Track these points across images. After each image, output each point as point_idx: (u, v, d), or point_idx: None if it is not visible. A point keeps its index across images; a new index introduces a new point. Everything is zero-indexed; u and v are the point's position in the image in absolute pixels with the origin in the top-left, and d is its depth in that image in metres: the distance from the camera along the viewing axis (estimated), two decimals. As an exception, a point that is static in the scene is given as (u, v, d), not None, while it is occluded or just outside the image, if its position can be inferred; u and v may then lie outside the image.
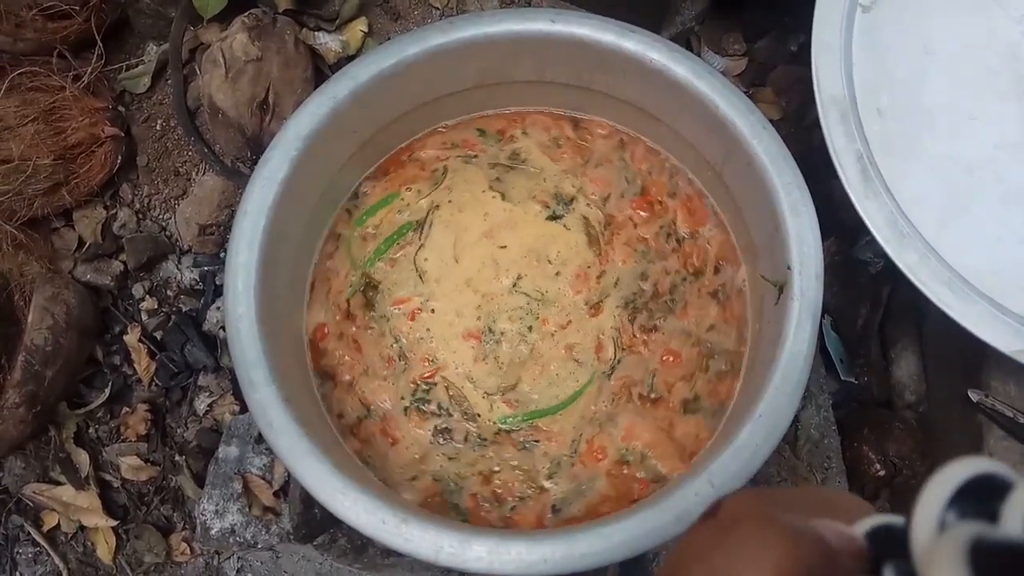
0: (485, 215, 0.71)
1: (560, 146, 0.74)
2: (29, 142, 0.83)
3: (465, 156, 0.74)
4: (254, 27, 0.80)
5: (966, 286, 0.65)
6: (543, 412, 0.67)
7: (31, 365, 0.80)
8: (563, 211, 0.72)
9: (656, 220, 0.72)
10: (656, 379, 0.67)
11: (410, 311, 0.69)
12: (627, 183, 0.73)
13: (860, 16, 0.71)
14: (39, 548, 0.90)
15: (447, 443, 0.66)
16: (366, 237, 0.72)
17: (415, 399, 0.67)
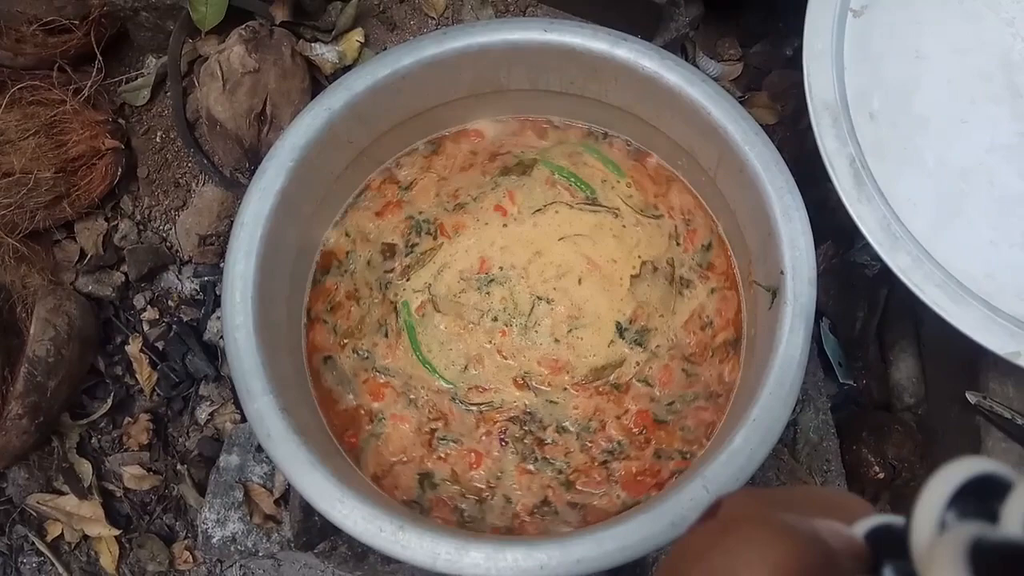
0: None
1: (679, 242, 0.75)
2: (30, 155, 0.84)
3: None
4: (251, 39, 0.81)
5: (960, 289, 0.65)
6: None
7: (33, 376, 0.81)
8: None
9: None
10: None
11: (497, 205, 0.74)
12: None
13: (851, 21, 0.71)
14: (43, 558, 0.91)
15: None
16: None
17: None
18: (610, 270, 0.70)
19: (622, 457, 0.66)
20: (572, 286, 0.70)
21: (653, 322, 0.69)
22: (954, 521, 0.22)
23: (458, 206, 0.73)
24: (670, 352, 0.68)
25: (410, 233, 0.73)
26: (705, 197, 0.72)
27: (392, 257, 0.72)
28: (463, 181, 0.74)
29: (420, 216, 0.73)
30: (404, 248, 0.72)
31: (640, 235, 0.71)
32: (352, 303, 0.71)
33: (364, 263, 0.72)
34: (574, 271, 0.70)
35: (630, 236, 0.71)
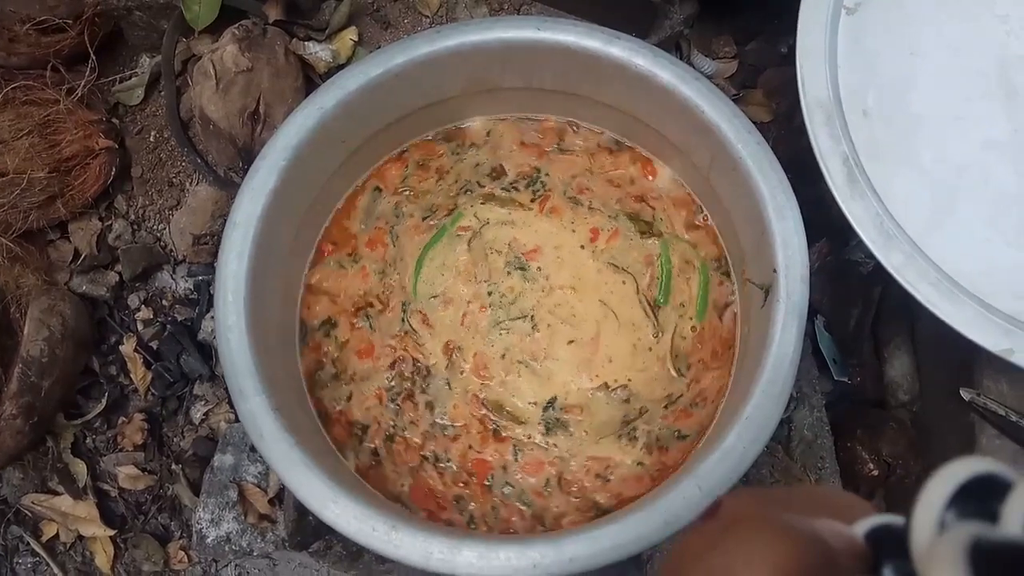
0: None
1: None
2: (24, 155, 0.84)
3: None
4: (244, 38, 0.81)
5: (954, 286, 0.65)
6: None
7: (27, 376, 0.81)
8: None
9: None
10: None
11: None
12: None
13: (845, 18, 0.71)
14: (38, 558, 0.91)
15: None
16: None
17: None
18: (599, 362, 0.69)
19: (437, 469, 0.67)
20: (561, 335, 0.69)
21: (577, 429, 0.67)
22: (954, 521, 0.22)
23: (574, 200, 0.73)
24: (557, 459, 0.67)
25: (525, 179, 0.74)
26: (699, 195, 0.72)
27: (495, 179, 0.74)
28: (599, 188, 0.74)
29: (544, 176, 0.74)
30: (509, 182, 0.74)
31: (651, 369, 0.69)
32: (435, 176, 0.74)
33: (472, 165, 0.74)
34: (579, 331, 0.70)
35: (643, 360, 0.69)
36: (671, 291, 0.70)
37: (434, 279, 0.71)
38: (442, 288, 0.70)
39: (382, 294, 0.71)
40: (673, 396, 0.67)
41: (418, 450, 0.67)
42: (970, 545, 0.20)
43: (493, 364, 0.68)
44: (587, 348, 0.69)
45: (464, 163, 0.74)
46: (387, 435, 0.67)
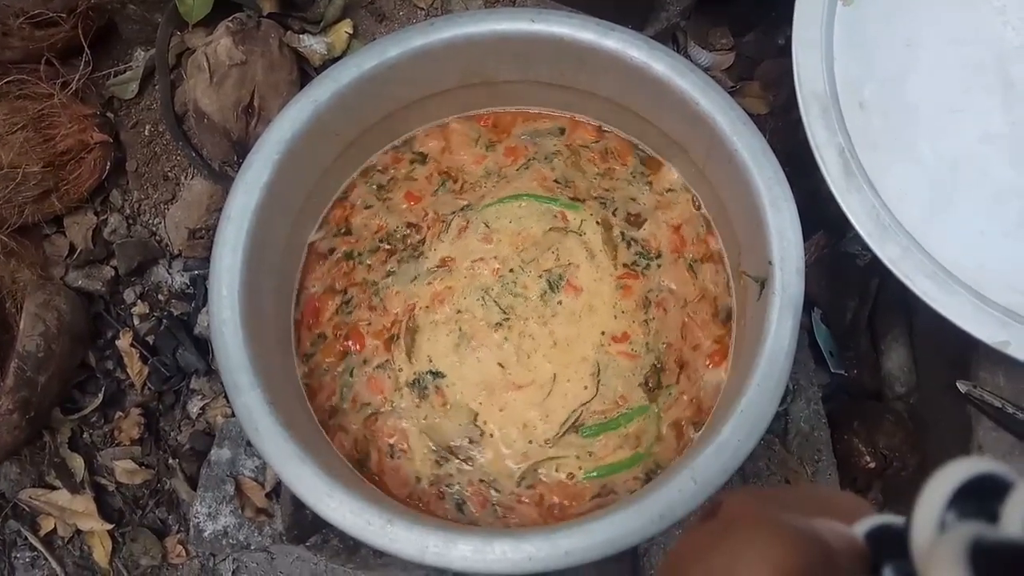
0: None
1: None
2: (18, 150, 0.84)
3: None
4: (238, 31, 0.81)
5: (950, 278, 0.65)
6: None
7: (24, 371, 0.81)
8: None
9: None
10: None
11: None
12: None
13: (841, 10, 0.71)
14: (36, 552, 0.91)
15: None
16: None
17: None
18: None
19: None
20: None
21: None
22: (954, 521, 0.22)
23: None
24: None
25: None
26: (695, 188, 0.72)
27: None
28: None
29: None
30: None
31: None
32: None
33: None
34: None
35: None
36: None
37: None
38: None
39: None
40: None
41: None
42: (970, 545, 0.20)
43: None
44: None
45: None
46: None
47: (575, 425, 0.65)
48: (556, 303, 0.68)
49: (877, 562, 0.24)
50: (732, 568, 0.23)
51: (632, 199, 0.72)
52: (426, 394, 0.66)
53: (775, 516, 0.25)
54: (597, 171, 0.74)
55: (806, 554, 0.23)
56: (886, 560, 0.24)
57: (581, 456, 0.64)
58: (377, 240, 0.72)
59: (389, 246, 0.71)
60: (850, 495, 0.31)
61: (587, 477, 0.64)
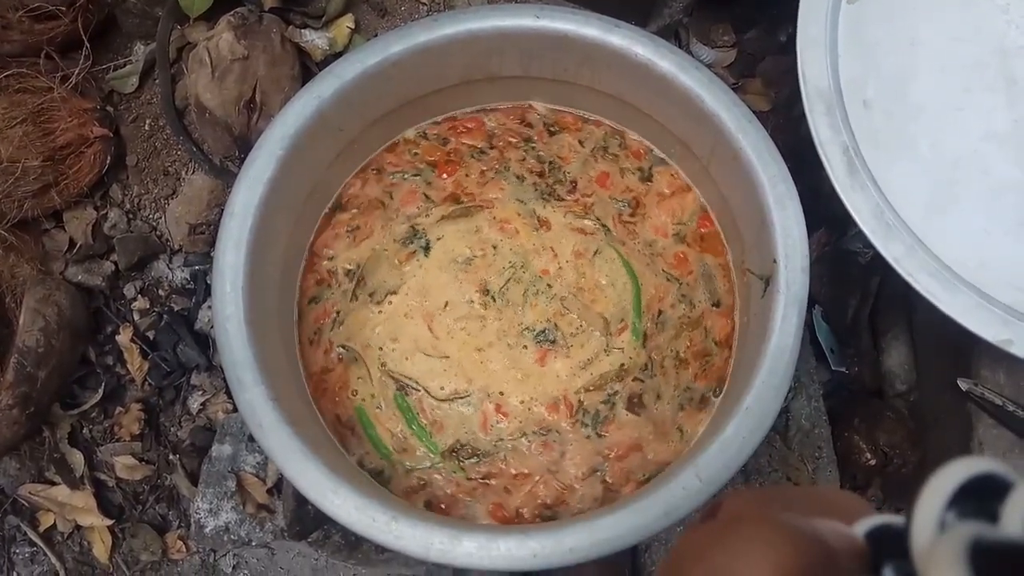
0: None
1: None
2: (18, 144, 0.83)
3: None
4: (240, 25, 0.80)
5: (953, 276, 0.65)
6: (637, 302, 0.69)
7: (23, 367, 0.81)
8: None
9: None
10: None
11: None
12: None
13: (845, 8, 0.71)
14: (36, 548, 0.91)
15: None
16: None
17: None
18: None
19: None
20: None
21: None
22: (954, 521, 0.22)
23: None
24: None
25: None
26: (699, 186, 0.72)
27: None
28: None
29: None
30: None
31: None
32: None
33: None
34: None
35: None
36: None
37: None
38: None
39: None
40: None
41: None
42: (970, 545, 0.20)
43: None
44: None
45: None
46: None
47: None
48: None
49: (877, 562, 0.24)
50: (732, 567, 0.23)
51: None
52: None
53: (775, 516, 0.25)
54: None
55: (806, 554, 0.23)
56: (886, 560, 0.24)
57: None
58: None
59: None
60: (850, 495, 0.31)
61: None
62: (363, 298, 0.69)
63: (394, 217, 0.72)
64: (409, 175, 0.73)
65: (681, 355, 0.67)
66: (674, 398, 0.66)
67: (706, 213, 0.72)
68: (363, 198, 0.73)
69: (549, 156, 0.74)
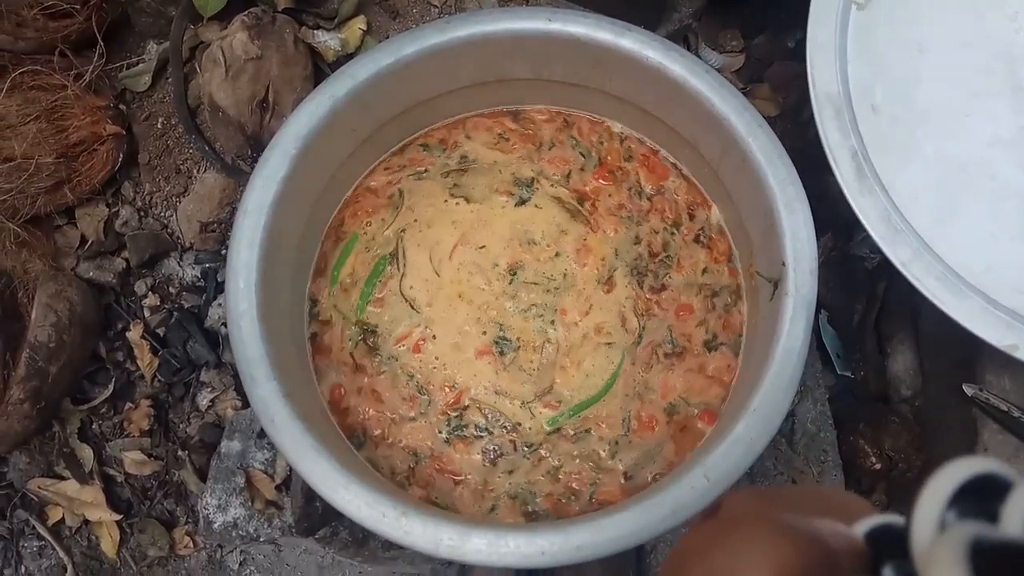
0: (453, 223, 0.72)
1: (507, 139, 0.75)
2: (31, 140, 0.84)
3: (416, 173, 0.74)
4: (254, 26, 0.81)
5: (959, 281, 0.65)
6: (586, 403, 0.67)
7: (35, 361, 0.81)
8: (528, 194, 0.73)
9: (622, 185, 0.74)
10: (675, 334, 0.69)
11: (413, 344, 0.69)
12: (583, 157, 0.75)
13: (855, 14, 0.72)
14: (44, 542, 0.91)
15: (500, 459, 0.66)
16: (346, 288, 0.71)
17: (451, 429, 0.67)
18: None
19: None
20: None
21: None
22: (954, 521, 0.22)
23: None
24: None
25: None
26: (707, 188, 0.73)
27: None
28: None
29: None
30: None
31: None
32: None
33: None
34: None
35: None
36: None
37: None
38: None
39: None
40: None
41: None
42: (970, 545, 0.20)
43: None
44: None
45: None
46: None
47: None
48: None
49: (877, 562, 0.24)
50: (732, 567, 0.23)
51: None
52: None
53: (776, 515, 0.25)
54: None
55: (806, 554, 0.23)
56: (886, 560, 0.24)
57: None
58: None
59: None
60: (851, 495, 0.31)
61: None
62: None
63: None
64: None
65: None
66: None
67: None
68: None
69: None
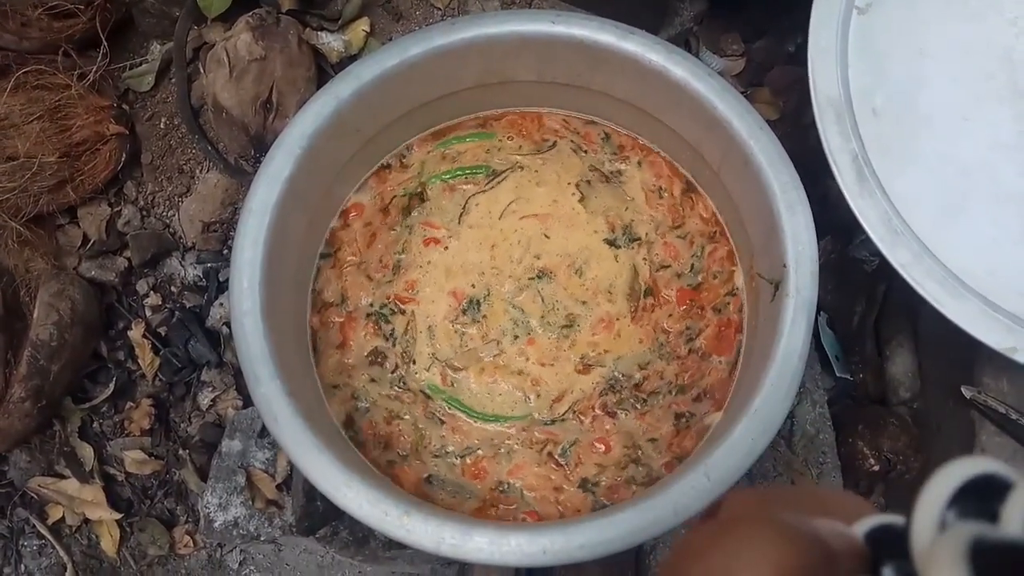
0: (554, 201, 0.73)
1: (661, 198, 0.74)
2: (35, 140, 0.84)
3: (577, 146, 0.75)
4: (258, 27, 0.81)
5: (959, 284, 0.66)
6: (467, 410, 0.68)
7: (36, 360, 0.81)
8: (622, 243, 0.72)
9: (686, 320, 0.70)
10: (574, 450, 0.67)
11: (429, 237, 0.72)
12: (690, 271, 0.72)
13: (856, 18, 0.72)
14: (44, 541, 0.91)
15: (375, 366, 0.69)
16: (444, 157, 0.75)
17: (379, 311, 0.71)
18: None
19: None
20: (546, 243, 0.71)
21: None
22: (954, 521, 0.22)
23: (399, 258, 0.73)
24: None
25: (378, 325, 0.71)
26: (708, 191, 0.73)
27: (383, 363, 0.70)
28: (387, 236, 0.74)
29: (376, 304, 0.71)
30: (388, 341, 0.71)
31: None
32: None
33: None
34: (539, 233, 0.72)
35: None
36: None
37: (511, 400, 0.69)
38: (519, 393, 0.69)
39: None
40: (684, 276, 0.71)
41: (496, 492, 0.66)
42: (970, 545, 0.20)
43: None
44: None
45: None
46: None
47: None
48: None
49: (877, 562, 0.24)
50: (732, 567, 0.23)
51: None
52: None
53: (775, 516, 0.25)
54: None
55: (806, 554, 0.23)
56: (886, 560, 0.24)
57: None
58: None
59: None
60: (850, 495, 0.31)
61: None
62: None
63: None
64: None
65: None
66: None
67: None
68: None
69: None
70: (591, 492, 0.65)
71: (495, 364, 0.69)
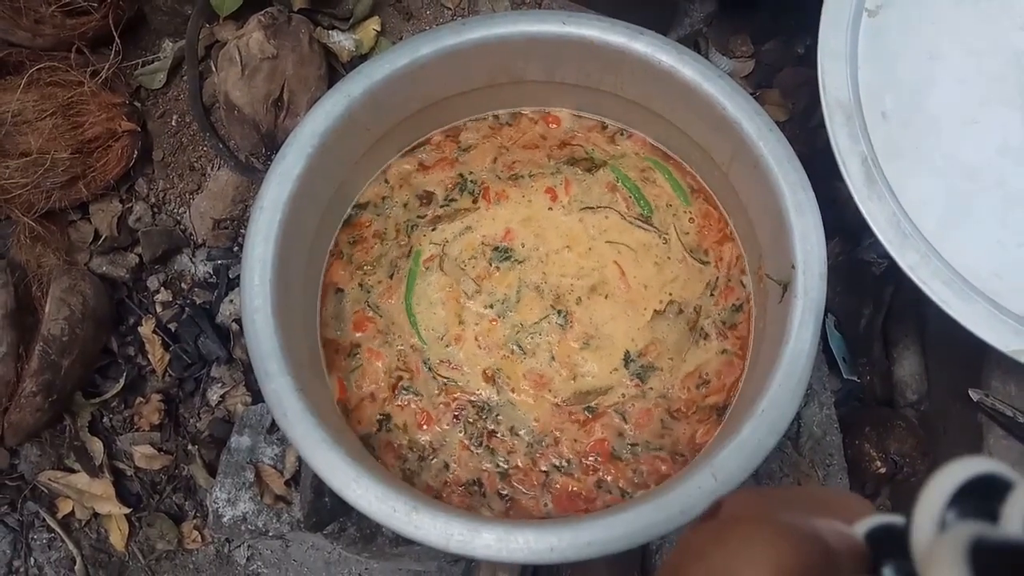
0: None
1: (693, 222, 0.73)
2: (47, 136, 0.85)
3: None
4: (270, 25, 0.82)
5: (967, 286, 0.66)
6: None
7: (48, 355, 0.82)
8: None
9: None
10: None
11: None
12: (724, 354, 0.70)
13: (866, 21, 0.72)
14: (53, 534, 0.92)
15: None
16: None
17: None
18: (638, 295, 0.70)
19: (564, 474, 0.66)
20: (595, 299, 0.70)
21: (661, 362, 0.68)
22: (954, 521, 0.22)
23: (512, 177, 0.74)
24: (659, 399, 0.67)
25: (453, 189, 0.74)
26: (717, 192, 0.73)
27: (428, 204, 0.73)
28: (524, 157, 0.75)
29: (470, 176, 0.74)
30: (442, 200, 0.73)
31: (680, 272, 0.71)
32: (376, 241, 0.73)
33: (400, 205, 0.74)
34: (604, 281, 0.70)
35: (670, 270, 0.70)
36: (648, 198, 0.73)
37: (431, 322, 0.70)
38: (443, 326, 0.70)
39: (402, 362, 0.69)
40: (711, 283, 0.71)
41: (536, 470, 0.66)
42: (970, 545, 0.20)
43: (548, 370, 0.68)
44: (621, 291, 0.70)
45: (392, 211, 0.74)
46: (500, 474, 0.66)
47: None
48: (524, 249, 0.72)
49: (877, 562, 0.24)
50: (732, 567, 0.23)
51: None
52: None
53: (775, 515, 0.25)
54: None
55: (806, 553, 0.23)
56: (886, 560, 0.24)
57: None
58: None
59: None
60: (851, 495, 0.31)
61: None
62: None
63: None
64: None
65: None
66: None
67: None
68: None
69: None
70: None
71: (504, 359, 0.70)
